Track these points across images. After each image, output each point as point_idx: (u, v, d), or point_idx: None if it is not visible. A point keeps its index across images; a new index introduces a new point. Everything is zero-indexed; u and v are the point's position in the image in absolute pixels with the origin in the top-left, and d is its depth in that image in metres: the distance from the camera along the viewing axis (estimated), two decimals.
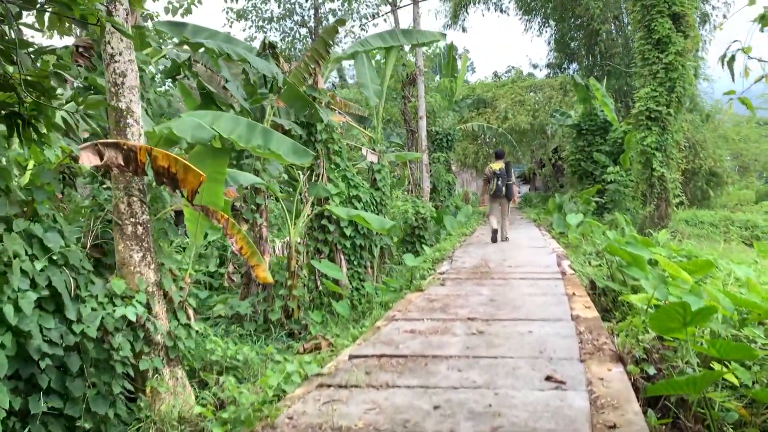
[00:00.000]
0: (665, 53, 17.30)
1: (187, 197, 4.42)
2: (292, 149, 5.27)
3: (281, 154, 5.13)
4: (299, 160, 5.33)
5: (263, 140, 5.11)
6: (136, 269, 5.12)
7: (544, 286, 7.50)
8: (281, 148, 5.17)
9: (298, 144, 5.44)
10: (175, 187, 4.43)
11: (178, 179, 4.34)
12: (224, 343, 5.89)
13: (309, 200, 8.92)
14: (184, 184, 4.36)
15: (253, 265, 5.61)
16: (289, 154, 5.22)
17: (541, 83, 31.08)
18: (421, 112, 16.37)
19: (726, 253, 13.05)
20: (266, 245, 8.59)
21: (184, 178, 4.34)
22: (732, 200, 31.06)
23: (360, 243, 10.76)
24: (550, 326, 5.27)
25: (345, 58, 10.91)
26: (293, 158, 5.26)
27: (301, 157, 5.33)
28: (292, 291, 7.95)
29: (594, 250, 11.85)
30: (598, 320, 5.93)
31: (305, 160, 5.37)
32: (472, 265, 9.64)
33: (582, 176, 21.68)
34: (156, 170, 4.38)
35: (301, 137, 10.35)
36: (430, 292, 7.38)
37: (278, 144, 5.18)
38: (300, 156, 5.32)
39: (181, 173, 4.33)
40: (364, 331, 5.88)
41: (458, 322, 5.57)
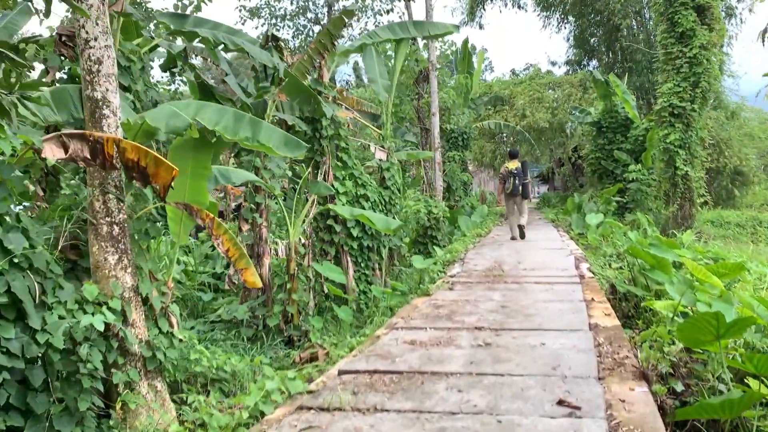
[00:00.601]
0: (689, 47, 16.61)
1: (158, 194, 3.99)
2: (283, 141, 4.82)
3: (271, 146, 4.69)
4: (291, 152, 4.88)
5: (251, 132, 4.67)
6: (111, 273, 4.71)
7: (560, 292, 6.97)
8: (271, 140, 4.73)
9: (290, 135, 4.99)
10: (145, 183, 4.01)
11: (148, 174, 3.91)
12: (211, 353, 5.45)
13: (311, 199, 8.46)
14: (155, 179, 3.93)
15: (240, 269, 5.16)
16: (280, 147, 4.77)
17: (560, 80, 30.36)
18: (434, 108, 15.85)
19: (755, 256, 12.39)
20: (266, 246, 8.15)
21: (155, 172, 3.91)
22: (758, 200, 30.08)
23: (368, 244, 10.30)
24: (566, 337, 4.76)
25: (353, 52, 10.45)
26: (285, 151, 4.81)
27: (293, 150, 4.88)
28: (291, 295, 7.50)
29: (614, 251, 11.30)
30: (619, 329, 5.40)
31: (298, 152, 4.92)
32: (485, 268, 9.13)
33: (602, 175, 21.01)
34: (125, 164, 3.95)
35: (305, 133, 9.93)
36: (437, 297, 6.89)
37: (268, 135, 4.73)
38: (292, 148, 4.87)
39: (152, 167, 3.90)
40: (363, 340, 5.42)
41: (464, 332, 5.08)
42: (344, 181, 10.14)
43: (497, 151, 32.99)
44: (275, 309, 7.46)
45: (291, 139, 4.93)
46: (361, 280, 10.26)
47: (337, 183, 10.02)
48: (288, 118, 9.27)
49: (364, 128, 16.37)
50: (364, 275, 10.35)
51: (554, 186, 40.49)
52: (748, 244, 16.82)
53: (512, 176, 12.70)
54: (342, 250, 10.03)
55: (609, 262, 10.49)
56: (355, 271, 10.18)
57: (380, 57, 11.83)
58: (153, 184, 3.99)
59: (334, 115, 10.04)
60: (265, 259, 8.12)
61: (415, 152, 13.40)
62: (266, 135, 4.75)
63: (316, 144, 9.92)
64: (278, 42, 9.76)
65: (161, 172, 3.89)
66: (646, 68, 26.93)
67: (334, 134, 9.99)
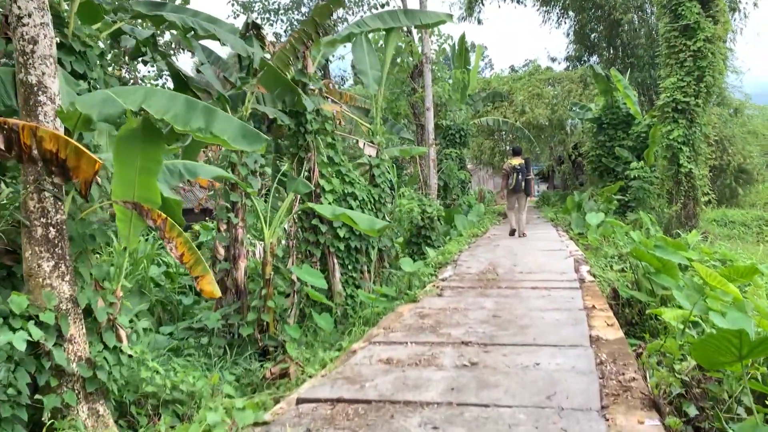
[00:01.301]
0: (693, 40, 16.03)
1: (80, 191, 3.41)
2: (240, 133, 4.24)
3: (226, 138, 4.11)
4: (249, 145, 4.30)
5: (205, 122, 4.10)
6: (45, 281, 4.13)
7: (558, 298, 6.39)
8: (227, 131, 4.15)
9: (249, 127, 4.41)
10: (66, 177, 3.43)
11: (68, 167, 3.33)
12: (167, 369, 4.88)
13: (289, 197, 7.88)
14: (76, 173, 3.36)
15: (196, 277, 4.58)
16: (236, 139, 4.20)
17: (560, 76, 29.71)
18: (428, 103, 15.25)
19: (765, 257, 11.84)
20: (242, 248, 7.58)
21: (76, 165, 3.34)
22: (762, 199, 29.48)
23: (355, 245, 9.73)
24: (563, 355, 4.18)
25: (340, 41, 9.85)
26: (242, 143, 4.24)
27: (251, 143, 4.30)
28: (267, 302, 6.91)
29: (616, 252, 10.73)
30: (623, 343, 4.82)
31: (256, 146, 4.34)
32: (478, 271, 8.55)
33: (603, 173, 20.41)
34: (42, 155, 3.37)
35: (289, 128, 9.35)
36: (424, 305, 6.31)
37: (223, 126, 4.16)
38: (251, 141, 4.29)
39: (72, 159, 3.32)
40: (337, 356, 4.84)
41: (449, 348, 4.49)
42: (331, 179, 9.58)
43: (496, 148, 32.36)
44: (249, 317, 6.88)
45: (249, 131, 4.34)
46: (349, 283, 9.69)
47: (323, 180, 9.45)
48: (269, 110, 8.70)
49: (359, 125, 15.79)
50: (352, 278, 9.78)
51: (554, 184, 39.86)
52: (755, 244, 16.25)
53: (516, 172, 12.82)
54: (328, 251, 9.46)
55: (610, 264, 9.92)
56: (342, 273, 9.61)
57: (371, 47, 11.24)
58: (74, 179, 3.41)
59: (320, 109, 9.47)
60: (241, 262, 7.56)
61: (407, 148, 12.80)
62: (221, 126, 4.17)
63: (300, 139, 9.35)
64: (259, 31, 9.19)
65: (83, 165, 3.32)
66: (648, 64, 26.32)
67: (320, 128, 9.41)
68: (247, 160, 7.71)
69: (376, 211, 10.61)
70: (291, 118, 9.18)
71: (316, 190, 9.42)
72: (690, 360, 4.71)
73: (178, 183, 5.82)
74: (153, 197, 4.53)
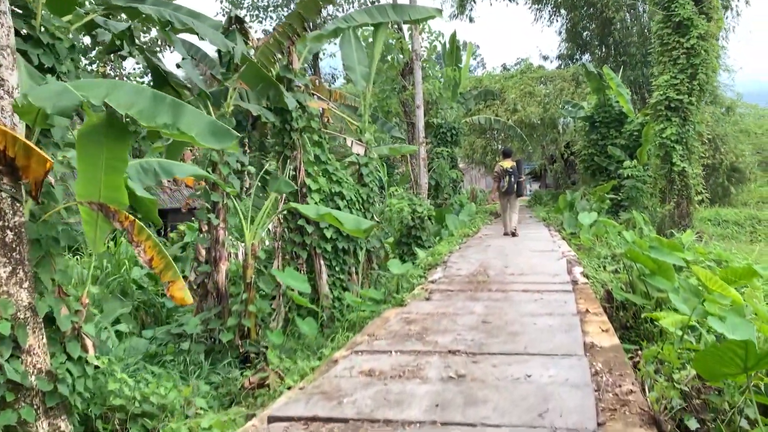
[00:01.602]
0: (686, 37, 15.86)
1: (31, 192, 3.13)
2: (209, 130, 3.97)
3: (194, 135, 3.84)
4: (219, 143, 4.03)
5: (172, 117, 3.82)
6: (2, 288, 3.84)
7: (550, 302, 6.14)
8: (194, 127, 3.88)
9: (219, 123, 4.14)
10: (15, 177, 3.15)
11: (17, 166, 3.05)
12: (137, 381, 4.60)
13: (271, 197, 7.61)
14: (26, 172, 3.08)
15: (167, 283, 4.31)
16: (205, 136, 3.93)
17: (552, 74, 29.53)
18: (418, 100, 14.99)
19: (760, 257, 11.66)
20: (223, 251, 7.30)
21: (25, 164, 3.06)
22: (754, 197, 29.44)
23: (343, 246, 9.47)
24: (556, 366, 3.93)
25: (326, 36, 9.57)
26: (211, 141, 3.97)
27: (221, 140, 4.03)
28: (248, 306, 6.64)
29: (609, 253, 10.51)
30: (619, 350, 4.58)
31: (227, 143, 4.07)
32: (469, 273, 8.29)
33: (595, 172, 20.23)
34: None
35: (274, 125, 9.08)
36: (411, 310, 6.04)
37: (191, 122, 3.89)
38: (220, 138, 4.02)
39: (22, 158, 3.05)
40: (318, 365, 4.57)
41: (435, 357, 4.23)
42: (317, 178, 9.31)
43: (488, 147, 32.14)
44: (230, 322, 6.60)
45: (219, 128, 4.07)
46: (336, 285, 9.43)
47: (310, 179, 9.18)
48: (252, 107, 8.42)
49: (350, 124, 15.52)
50: (339, 280, 9.52)
51: (546, 183, 39.71)
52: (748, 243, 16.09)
53: (507, 174, 12.84)
54: (314, 253, 9.19)
55: (603, 264, 9.70)
56: (329, 275, 9.35)
57: (359, 43, 10.98)
58: (24, 179, 3.13)
59: (306, 106, 9.19)
60: (222, 264, 7.27)
61: (397, 147, 12.54)
62: (189, 122, 3.90)
63: (285, 137, 9.08)
64: (243, 25, 8.90)
65: (33, 164, 3.05)
66: (640, 62, 26.18)
67: (306, 126, 9.14)
68: (228, 158, 7.43)
69: (365, 211, 10.35)
70: (276, 115, 8.90)
71: (302, 190, 9.16)
72: (689, 368, 4.48)
73: (153, 182, 5.54)
74: (120, 197, 4.25)
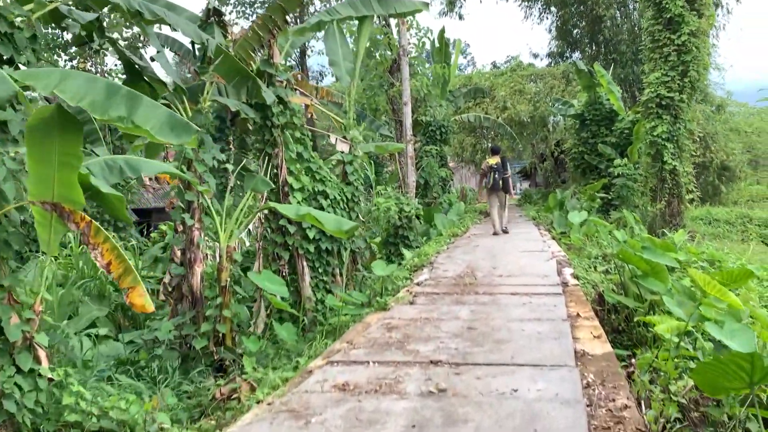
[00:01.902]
0: (678, 34, 15.64)
1: None
2: (167, 123, 3.66)
3: (149, 129, 3.54)
4: (176, 137, 3.73)
5: (126, 110, 3.51)
6: None
7: (539, 306, 5.86)
8: (150, 121, 3.57)
9: (179, 117, 3.82)
10: None
11: None
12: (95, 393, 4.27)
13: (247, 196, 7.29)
14: None
15: (126, 289, 3.98)
16: (162, 131, 3.62)
17: (542, 72, 29.31)
18: (406, 97, 14.69)
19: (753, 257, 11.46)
20: (198, 252, 6.97)
21: None
22: (743, 196, 29.39)
23: (326, 247, 9.14)
24: (545, 378, 3.64)
25: (309, 30, 9.26)
26: (169, 136, 3.66)
27: (179, 135, 3.72)
28: (223, 311, 6.31)
29: (600, 253, 10.27)
30: (612, 359, 4.30)
31: (185, 138, 3.77)
32: (455, 275, 8.01)
33: (585, 170, 20.01)
34: None
35: (254, 121, 8.76)
36: (393, 315, 5.74)
37: (147, 115, 3.57)
38: (178, 133, 3.71)
39: None
40: (291, 376, 4.27)
41: (416, 368, 3.94)
42: (300, 176, 8.99)
43: (478, 145, 31.88)
44: (203, 327, 6.27)
45: (177, 122, 3.75)
46: (319, 287, 9.11)
47: (292, 178, 8.86)
48: (230, 103, 8.08)
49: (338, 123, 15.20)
50: (323, 282, 9.20)
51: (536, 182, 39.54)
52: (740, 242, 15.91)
53: (492, 171, 12.88)
54: (297, 254, 8.88)
55: (594, 265, 9.46)
56: (312, 277, 9.03)
57: (344, 38, 10.65)
58: None
59: (288, 102, 8.87)
60: (197, 267, 6.94)
61: (383, 144, 12.23)
62: (145, 114, 3.58)
63: (266, 133, 8.75)
64: (221, 18, 8.58)
65: None
66: (631, 60, 26.04)
67: (288, 122, 8.81)
68: (204, 155, 7.10)
69: (349, 211, 10.04)
70: (256, 111, 8.58)
71: (284, 189, 8.84)
72: (687, 378, 4.21)
73: (119, 180, 5.21)
74: (75, 196, 3.92)
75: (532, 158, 34.67)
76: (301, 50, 31.08)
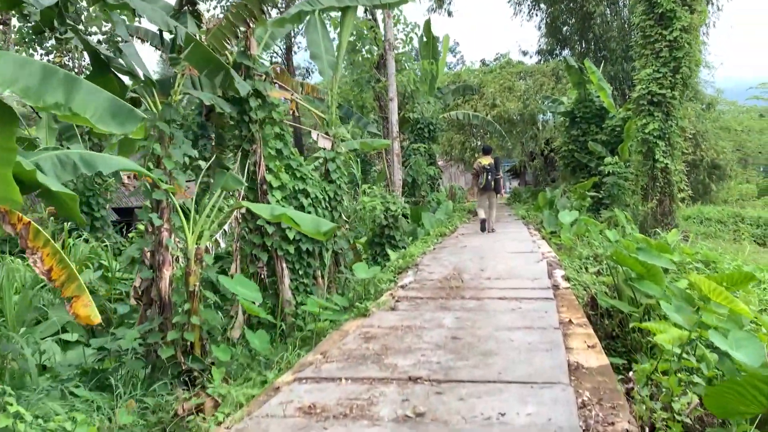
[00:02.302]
0: (669, 29, 15.35)
1: None
2: (109, 111, 3.25)
3: (89, 117, 3.13)
4: (120, 126, 3.32)
5: (63, 95, 3.10)
6: None
7: (529, 312, 5.48)
8: (91, 107, 3.16)
9: (123, 104, 3.41)
10: None
11: None
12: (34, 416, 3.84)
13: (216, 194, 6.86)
14: None
15: (69, 298, 3.56)
16: (103, 119, 3.22)
17: (532, 69, 29.00)
18: (392, 93, 14.27)
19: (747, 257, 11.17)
20: (167, 254, 6.52)
21: None
22: (733, 195, 29.23)
23: (307, 248, 8.73)
24: (536, 399, 3.26)
25: (289, 21, 8.81)
26: (110, 124, 3.26)
27: (123, 124, 3.32)
28: (191, 318, 5.89)
29: (591, 253, 9.93)
30: (609, 373, 3.92)
31: (129, 127, 3.36)
32: (441, 277, 7.63)
33: (575, 169, 19.70)
34: None
35: (231, 116, 8.33)
36: (373, 322, 5.35)
37: (86, 102, 3.17)
38: (122, 121, 3.30)
39: None
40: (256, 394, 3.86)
41: (392, 387, 3.54)
42: (279, 174, 8.57)
43: (467, 143, 31.51)
44: (170, 336, 5.84)
45: (122, 109, 3.34)
46: (299, 291, 8.70)
47: (270, 176, 8.45)
48: (204, 96, 7.66)
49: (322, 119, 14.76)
50: (303, 285, 8.78)
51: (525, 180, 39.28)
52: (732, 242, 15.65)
53: (486, 172, 12.96)
54: (276, 255, 8.46)
55: (585, 265, 9.12)
56: (292, 280, 8.62)
57: (326, 30, 10.23)
58: None
59: (267, 96, 8.45)
60: (166, 270, 6.49)
61: (369, 141, 11.82)
62: (84, 100, 3.17)
63: (243, 129, 8.33)
64: (195, 7, 8.13)
65: None
66: (621, 57, 25.79)
67: (267, 117, 8.39)
68: (174, 151, 6.66)
69: (332, 210, 9.63)
70: (232, 105, 8.16)
71: (262, 187, 8.43)
72: (691, 395, 3.84)
73: (72, 176, 4.75)
74: (10, 194, 3.49)
75: (522, 157, 34.37)
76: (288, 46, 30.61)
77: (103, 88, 6.71)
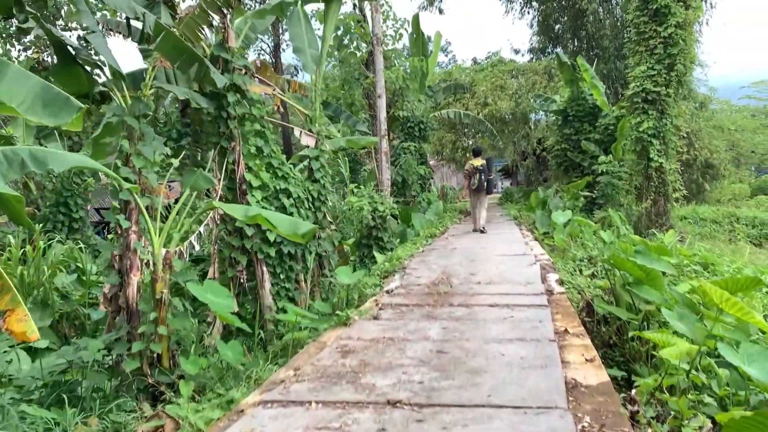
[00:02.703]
0: (664, 26, 15.03)
1: None
2: (40, 99, 2.85)
3: (17, 106, 2.71)
4: (53, 117, 2.92)
5: None
6: None
7: (522, 322, 5.09)
8: (19, 96, 2.75)
9: (56, 90, 3.01)
10: None
11: None
12: None
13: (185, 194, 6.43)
14: None
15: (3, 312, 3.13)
16: (33, 109, 2.81)
17: (524, 67, 28.65)
18: (380, 89, 13.86)
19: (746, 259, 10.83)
20: (135, 259, 6.09)
21: None
22: (726, 194, 29.02)
23: (289, 250, 8.33)
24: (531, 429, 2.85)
25: (269, 12, 8.37)
26: (41, 114, 2.85)
27: (57, 114, 2.92)
28: (158, 327, 5.45)
29: (585, 254, 9.56)
30: (611, 392, 3.52)
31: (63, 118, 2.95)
32: (429, 282, 7.22)
33: (568, 168, 19.36)
34: None
35: (208, 112, 7.90)
36: (352, 334, 4.93)
37: (13, 90, 2.74)
38: (55, 112, 2.90)
39: None
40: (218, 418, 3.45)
41: (368, 413, 3.13)
42: (259, 173, 8.16)
43: (458, 142, 31.14)
44: (135, 347, 5.41)
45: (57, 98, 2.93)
46: (281, 296, 8.28)
47: (250, 175, 8.03)
48: (178, 90, 7.23)
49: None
50: (285, 289, 8.37)
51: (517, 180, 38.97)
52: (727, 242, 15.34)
53: (478, 173, 13.02)
54: (256, 258, 8.05)
55: (579, 268, 8.75)
56: (273, 284, 8.21)
57: (309, 24, 9.81)
58: None
59: (247, 91, 8.03)
60: (133, 276, 6.06)
61: (355, 138, 11.40)
62: (11, 89, 2.73)
63: (222, 125, 7.91)
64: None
65: None
66: (614, 55, 25.49)
67: (246, 113, 7.97)
68: (143, 148, 6.23)
69: (315, 211, 9.22)
70: (210, 100, 7.74)
71: (241, 186, 8.01)
72: (702, 417, 3.45)
73: (18, 175, 4.32)
74: None
75: (514, 156, 34.03)
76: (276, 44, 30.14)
77: (69, 82, 6.30)
